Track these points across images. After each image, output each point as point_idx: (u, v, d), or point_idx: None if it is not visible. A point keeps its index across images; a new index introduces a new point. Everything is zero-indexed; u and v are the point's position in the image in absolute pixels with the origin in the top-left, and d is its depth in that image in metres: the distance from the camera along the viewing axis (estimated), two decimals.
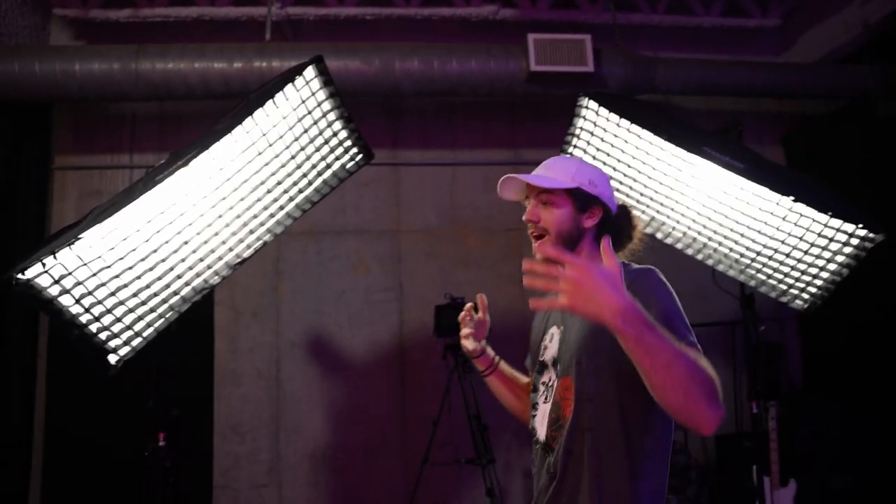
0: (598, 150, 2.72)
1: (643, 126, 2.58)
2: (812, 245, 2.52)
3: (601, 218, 1.61)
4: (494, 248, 4.64)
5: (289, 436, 4.29)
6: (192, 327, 4.16)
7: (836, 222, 2.44)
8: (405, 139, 4.76)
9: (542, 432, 1.59)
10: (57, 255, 1.99)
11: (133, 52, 3.74)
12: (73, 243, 2.01)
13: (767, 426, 3.42)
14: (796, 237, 2.51)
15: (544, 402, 1.61)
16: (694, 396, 1.19)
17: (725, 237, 2.62)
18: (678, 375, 1.17)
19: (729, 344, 4.64)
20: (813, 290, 2.62)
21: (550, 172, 1.61)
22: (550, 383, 1.61)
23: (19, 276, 1.95)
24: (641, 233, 1.74)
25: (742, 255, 2.63)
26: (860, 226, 2.42)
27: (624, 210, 1.72)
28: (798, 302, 2.67)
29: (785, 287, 2.65)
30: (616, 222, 1.66)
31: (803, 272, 2.58)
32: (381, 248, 4.61)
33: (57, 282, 2.01)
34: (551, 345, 1.64)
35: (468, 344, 1.87)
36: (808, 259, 2.55)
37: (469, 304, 1.92)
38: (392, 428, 4.37)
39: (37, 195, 4.22)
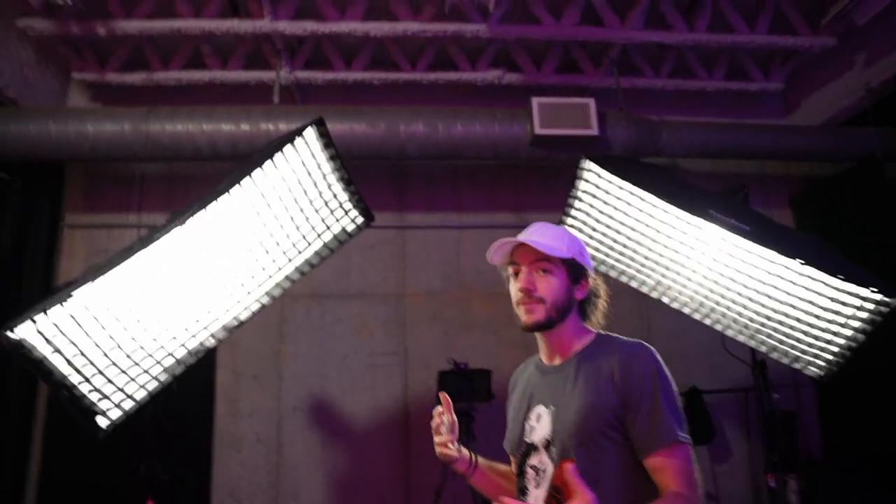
0: (600, 212, 2.70)
1: (646, 188, 2.56)
2: (824, 310, 2.45)
3: (589, 290, 1.60)
4: (499, 313, 4.56)
5: (287, 502, 4.15)
6: (194, 390, 4.12)
7: (848, 286, 2.38)
8: (411, 202, 4.78)
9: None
10: (48, 313, 1.96)
11: (144, 114, 3.82)
12: (65, 301, 1.98)
13: (789, 500, 3.26)
14: (807, 301, 2.45)
15: (536, 488, 1.52)
16: None
17: (733, 301, 2.56)
18: None
19: (743, 410, 4.50)
20: (828, 356, 2.53)
21: (544, 239, 1.55)
22: (542, 467, 1.51)
23: (10, 333, 1.92)
24: (605, 301, 1.71)
25: (751, 320, 2.56)
26: (873, 290, 2.35)
27: (595, 280, 1.71)
28: (812, 369, 2.58)
29: (797, 353, 2.56)
30: (596, 293, 1.66)
31: (816, 338, 2.50)
32: (385, 312, 4.56)
33: (48, 341, 1.97)
34: (539, 425, 1.55)
35: (449, 452, 1.72)
36: (821, 324, 2.47)
37: (438, 409, 1.75)
38: (395, 496, 4.21)
39: (46, 252, 4.25)
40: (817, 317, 2.44)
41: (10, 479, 3.84)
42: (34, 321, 1.94)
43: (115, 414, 2.12)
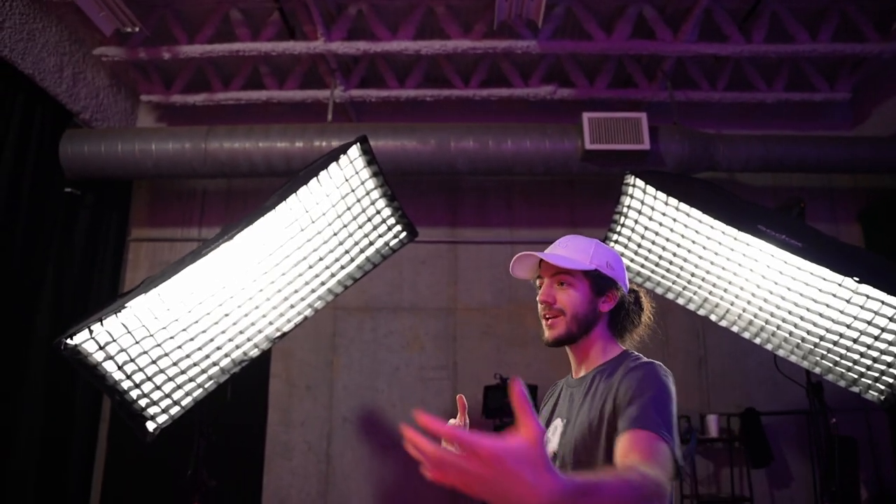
0: (646, 228, 2.65)
1: (692, 204, 2.49)
2: (883, 330, 2.31)
3: (617, 303, 1.55)
4: None
5: None
6: (248, 399, 4.25)
7: None
8: (464, 217, 4.81)
9: None
10: (104, 322, 2.07)
11: (203, 133, 4.00)
12: (119, 311, 2.09)
13: None
14: (864, 321, 2.32)
15: None
16: None
17: (783, 320, 2.45)
18: None
19: (804, 434, 4.29)
20: (889, 379, 2.39)
21: (567, 252, 1.54)
22: None
23: (68, 341, 2.03)
24: (649, 317, 1.64)
25: (803, 340, 2.45)
26: None
27: (635, 295, 1.64)
28: (872, 393, 2.44)
29: (855, 376, 2.43)
30: (629, 308, 1.59)
31: (875, 360, 2.37)
32: (436, 326, 4.58)
33: (102, 348, 2.08)
34: (553, 438, 1.53)
35: None
36: (880, 346, 2.34)
37: (452, 421, 1.65)
38: None
39: (113, 264, 4.50)
40: (876, 337, 2.31)
41: (79, 472, 4.06)
42: (90, 329, 2.06)
43: (162, 419, 2.21)
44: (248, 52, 4.12)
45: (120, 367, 2.11)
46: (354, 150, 2.40)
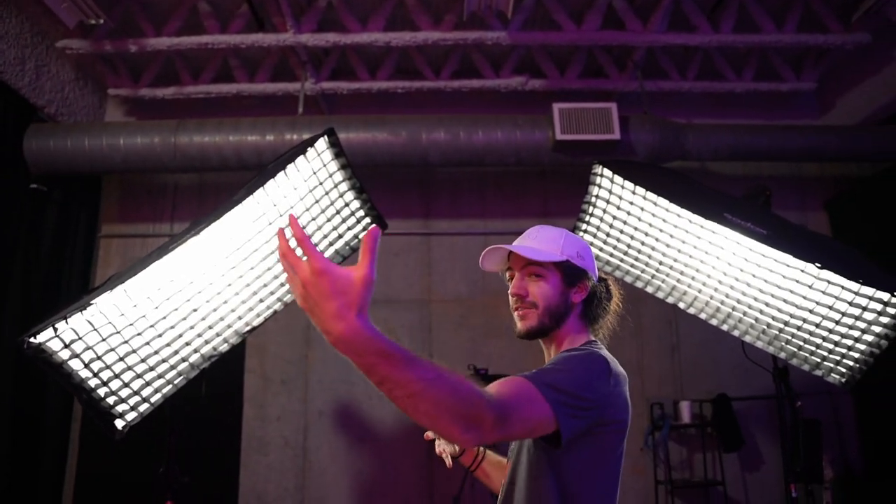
0: (614, 217, 2.68)
1: (659, 193, 2.52)
2: (844, 315, 2.37)
3: (588, 293, 1.55)
4: None
5: None
6: (223, 394, 4.23)
7: (869, 290, 2.30)
8: (437, 209, 4.81)
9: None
10: (69, 319, 2.04)
11: (173, 127, 3.95)
12: (84, 308, 2.06)
13: None
14: (825, 307, 2.37)
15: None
16: (442, 424, 1.03)
17: (749, 307, 2.50)
18: (423, 407, 1.00)
19: (775, 419, 4.37)
20: (849, 363, 2.45)
21: (537, 244, 1.54)
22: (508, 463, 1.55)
23: (31, 339, 2.01)
24: (618, 304, 1.64)
25: (769, 326, 2.50)
26: (895, 294, 2.27)
27: (605, 283, 1.63)
28: (834, 376, 2.50)
29: (818, 360, 2.48)
30: (601, 297, 1.59)
31: (836, 344, 2.42)
32: (410, 318, 4.59)
33: (67, 346, 2.05)
34: None
35: (444, 445, 1.81)
36: (840, 330, 2.39)
37: None
38: (418, 501, 4.23)
39: (83, 261, 4.43)
40: (837, 322, 2.37)
41: (50, 472, 4.01)
42: (55, 328, 2.03)
43: (132, 416, 2.18)
44: (217, 45, 4.08)
45: (86, 365, 2.09)
46: (322, 143, 2.39)
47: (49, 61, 4.10)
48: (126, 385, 2.17)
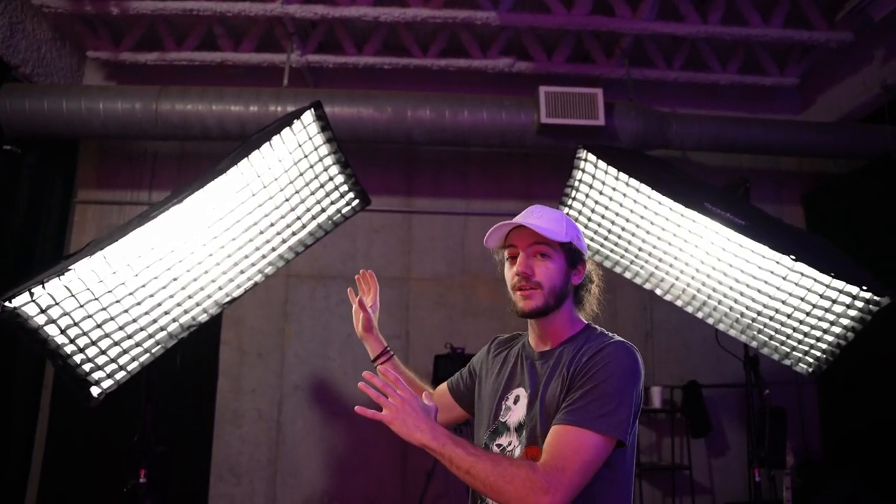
0: (596, 202, 2.70)
1: (641, 180, 2.56)
2: (814, 307, 2.43)
3: (584, 276, 1.56)
4: (503, 300, 4.56)
5: (286, 479, 4.23)
6: (198, 366, 4.21)
7: (839, 284, 2.36)
8: (419, 187, 4.80)
9: None
10: (46, 284, 2.02)
11: (155, 94, 3.88)
12: (62, 274, 2.04)
13: (782, 497, 3.27)
14: (797, 298, 2.43)
15: None
16: (501, 494, 1.28)
17: (725, 295, 2.55)
18: (480, 478, 1.28)
19: (743, 406, 4.49)
20: (817, 353, 2.52)
21: (543, 223, 1.49)
22: (510, 448, 1.49)
23: (6, 304, 1.98)
24: (598, 286, 1.64)
25: (742, 315, 2.56)
26: (864, 288, 2.33)
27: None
28: (802, 365, 2.57)
29: (787, 349, 2.55)
30: (589, 280, 1.60)
31: (806, 334, 2.49)
32: (389, 295, 4.57)
33: (43, 311, 2.03)
34: (516, 408, 1.52)
35: (357, 325, 2.03)
36: (811, 321, 2.46)
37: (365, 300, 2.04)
38: (392, 477, 4.28)
39: (58, 227, 4.35)
40: (807, 313, 2.43)
41: (19, 443, 3.97)
42: (31, 292, 2.00)
43: (107, 384, 2.17)
44: (202, 12, 4.00)
45: (63, 331, 2.07)
46: (308, 116, 2.38)
47: (24, 18, 3.98)
48: (103, 352, 2.16)
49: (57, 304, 2.05)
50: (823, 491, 3.96)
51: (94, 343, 2.13)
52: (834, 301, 2.39)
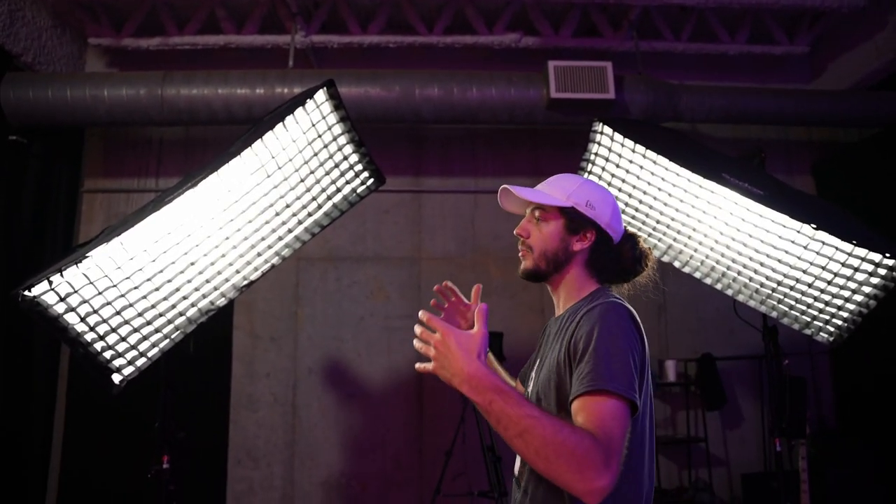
0: (613, 175, 2.67)
1: (658, 152, 2.52)
2: (836, 275, 2.41)
3: (593, 242, 1.51)
4: (515, 277, 4.48)
5: (303, 462, 4.25)
6: (211, 351, 4.21)
7: (861, 251, 2.34)
8: (428, 166, 4.77)
9: (516, 465, 1.48)
10: (64, 273, 2.00)
11: (159, 79, 3.84)
12: (80, 261, 2.02)
13: (798, 466, 3.27)
14: (819, 267, 2.41)
15: None
16: (556, 468, 1.09)
17: (744, 266, 2.53)
18: (533, 445, 1.11)
19: (757, 378, 4.49)
20: (838, 322, 2.51)
21: (548, 188, 1.55)
22: None
23: (26, 292, 1.97)
24: (651, 268, 1.59)
25: (762, 285, 2.54)
26: (887, 255, 2.31)
27: (631, 240, 1.57)
28: (823, 335, 2.55)
29: (808, 319, 2.54)
30: (614, 251, 1.54)
31: (827, 303, 2.47)
32: (400, 276, 4.59)
33: (63, 299, 2.02)
34: (535, 377, 1.52)
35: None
36: (832, 290, 2.44)
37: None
38: (409, 457, 4.30)
39: (66, 216, 4.33)
40: (829, 282, 2.41)
41: (39, 433, 3.98)
42: (50, 281, 1.99)
43: (128, 371, 2.17)
44: None
45: (83, 319, 2.06)
46: (321, 95, 2.34)
47: (24, 6, 3.92)
48: (123, 339, 2.15)
49: (76, 291, 2.03)
50: (838, 460, 3.96)
51: (114, 330, 2.13)
52: (856, 269, 2.37)
